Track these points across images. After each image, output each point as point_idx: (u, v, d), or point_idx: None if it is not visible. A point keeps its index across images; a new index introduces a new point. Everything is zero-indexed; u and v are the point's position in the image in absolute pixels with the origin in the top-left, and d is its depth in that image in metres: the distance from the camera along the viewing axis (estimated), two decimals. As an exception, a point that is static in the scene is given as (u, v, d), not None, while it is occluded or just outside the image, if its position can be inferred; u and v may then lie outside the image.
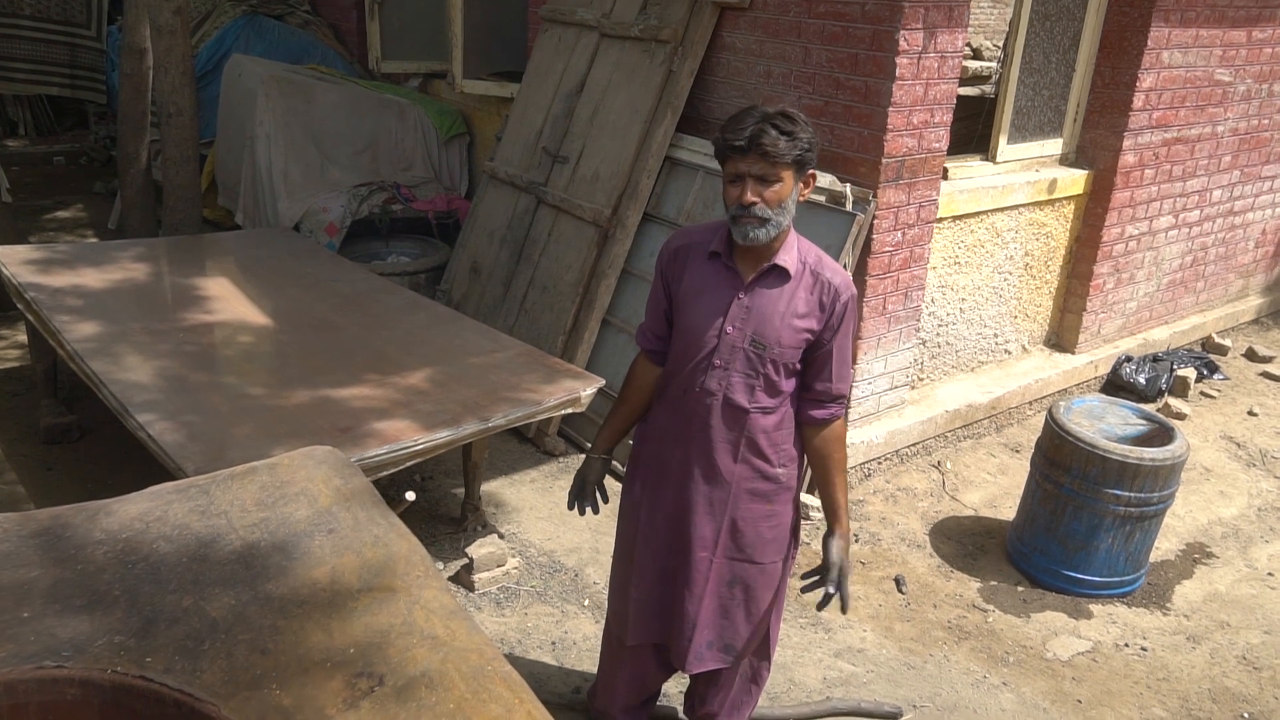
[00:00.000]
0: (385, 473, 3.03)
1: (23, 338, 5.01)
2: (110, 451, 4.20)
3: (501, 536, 3.80)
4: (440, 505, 4.04)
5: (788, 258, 2.25)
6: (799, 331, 2.26)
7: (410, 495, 3.18)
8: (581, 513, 2.59)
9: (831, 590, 2.37)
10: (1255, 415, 5.25)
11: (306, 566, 1.85)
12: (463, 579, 3.52)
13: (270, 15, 7.33)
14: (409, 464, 3.08)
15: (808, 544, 3.85)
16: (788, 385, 2.33)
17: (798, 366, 2.32)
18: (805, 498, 4.10)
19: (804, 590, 2.44)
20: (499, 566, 3.55)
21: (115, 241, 5.08)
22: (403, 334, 3.87)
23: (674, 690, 3.01)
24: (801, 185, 2.21)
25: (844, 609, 2.42)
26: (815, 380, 2.34)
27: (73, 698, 1.57)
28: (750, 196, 2.13)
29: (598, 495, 2.61)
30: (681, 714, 2.88)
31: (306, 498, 2.08)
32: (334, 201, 5.74)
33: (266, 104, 5.78)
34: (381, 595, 1.77)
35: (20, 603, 1.70)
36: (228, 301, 4.11)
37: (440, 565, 3.63)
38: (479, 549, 3.52)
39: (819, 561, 2.42)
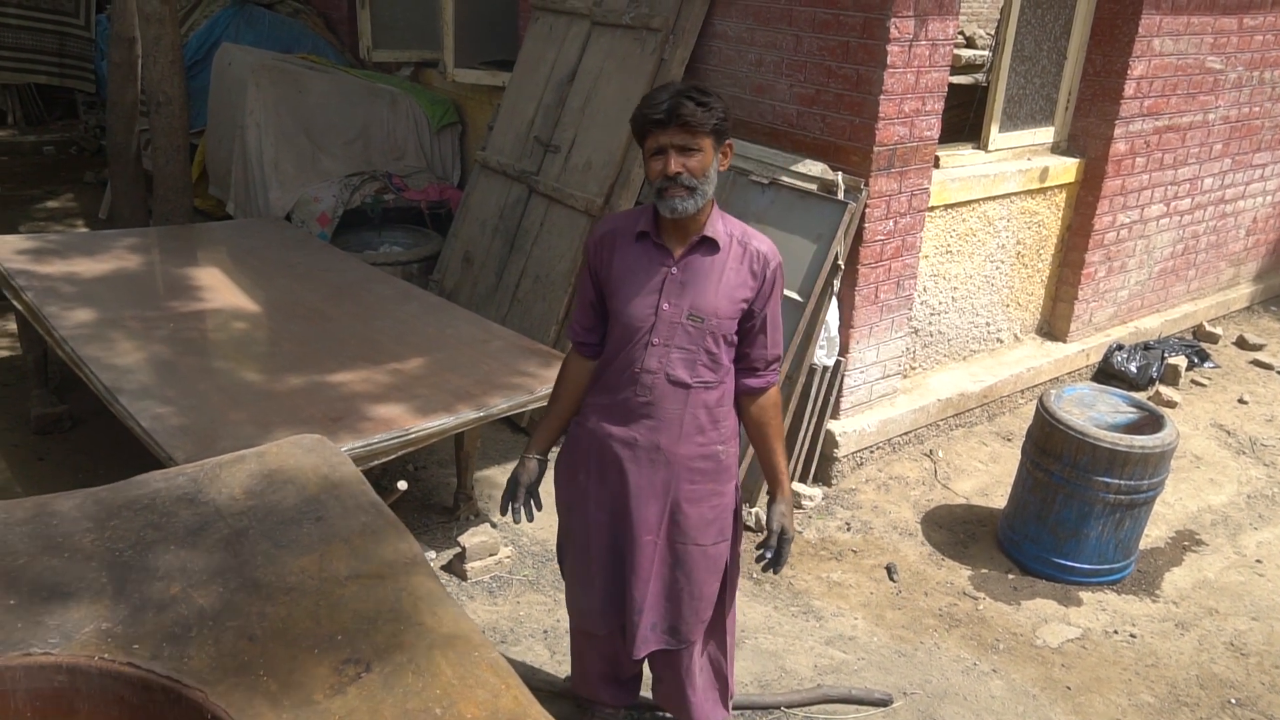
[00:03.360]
0: (377, 462, 3.03)
1: (13, 327, 4.98)
2: (101, 441, 4.19)
3: (494, 526, 3.80)
4: (433, 494, 4.04)
5: (715, 230, 2.28)
6: (735, 302, 2.29)
7: (402, 484, 3.19)
8: (516, 519, 2.52)
9: (768, 555, 2.43)
10: (1245, 403, 5.27)
11: (294, 554, 1.85)
12: (455, 568, 3.53)
13: (260, 4, 7.28)
14: (401, 453, 3.07)
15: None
16: (727, 358, 2.35)
17: (734, 339, 2.34)
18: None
19: (757, 560, 2.48)
20: (491, 555, 3.56)
21: (106, 231, 5.06)
22: (395, 323, 3.86)
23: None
24: (720, 155, 2.24)
25: (776, 569, 2.45)
26: (751, 348, 2.37)
27: (60, 684, 1.57)
28: (675, 166, 2.15)
29: (532, 501, 2.54)
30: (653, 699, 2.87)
31: (295, 486, 2.08)
32: (325, 191, 5.72)
33: (257, 93, 5.75)
34: (369, 582, 1.77)
35: (7, 590, 1.70)
36: (219, 291, 4.10)
37: (433, 554, 3.64)
38: (471, 538, 3.53)
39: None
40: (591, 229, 2.42)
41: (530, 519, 2.54)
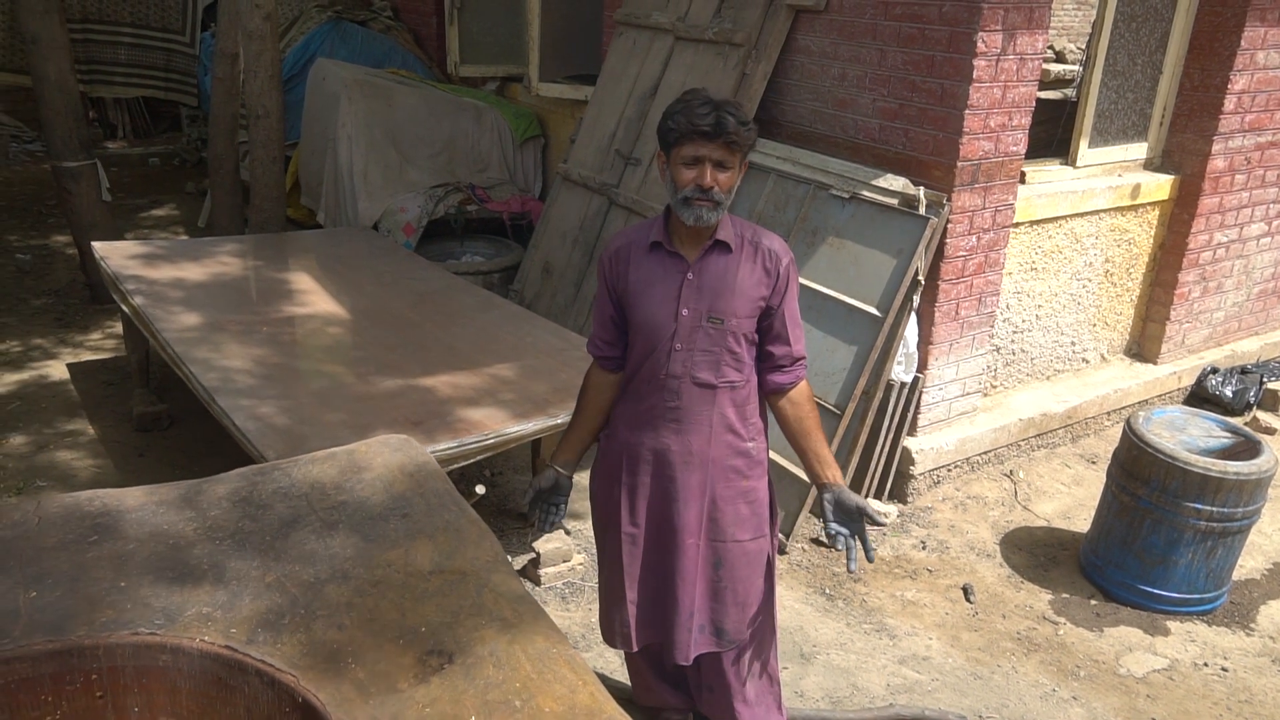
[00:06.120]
0: (456, 466, 3.10)
1: (119, 329, 5.26)
2: (198, 439, 4.38)
3: (568, 533, 3.85)
4: (509, 500, 4.11)
5: (726, 233, 2.30)
6: (753, 301, 2.31)
7: (480, 489, 3.27)
8: (540, 529, 2.51)
9: (841, 543, 2.34)
10: (1351, 432, 5.02)
11: (381, 548, 1.91)
12: (529, 573, 3.59)
13: (354, 21, 7.55)
14: (481, 457, 3.15)
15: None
16: (749, 356, 2.37)
17: (755, 337, 2.36)
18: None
19: (849, 563, 2.35)
20: (565, 562, 3.61)
21: (205, 239, 5.30)
22: (476, 331, 3.95)
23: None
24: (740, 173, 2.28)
25: (869, 555, 2.35)
26: (774, 346, 2.38)
27: (164, 663, 1.66)
28: (710, 181, 2.17)
29: (549, 511, 2.53)
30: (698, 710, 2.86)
31: (382, 483, 2.15)
32: (411, 202, 5.89)
33: (349, 106, 5.96)
34: (452, 578, 1.83)
35: (118, 573, 1.80)
36: (309, 297, 4.26)
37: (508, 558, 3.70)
38: (546, 544, 3.58)
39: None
40: (605, 245, 2.44)
41: (548, 527, 2.55)
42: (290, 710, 1.58)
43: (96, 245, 4.69)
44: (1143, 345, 5.15)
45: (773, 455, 2.57)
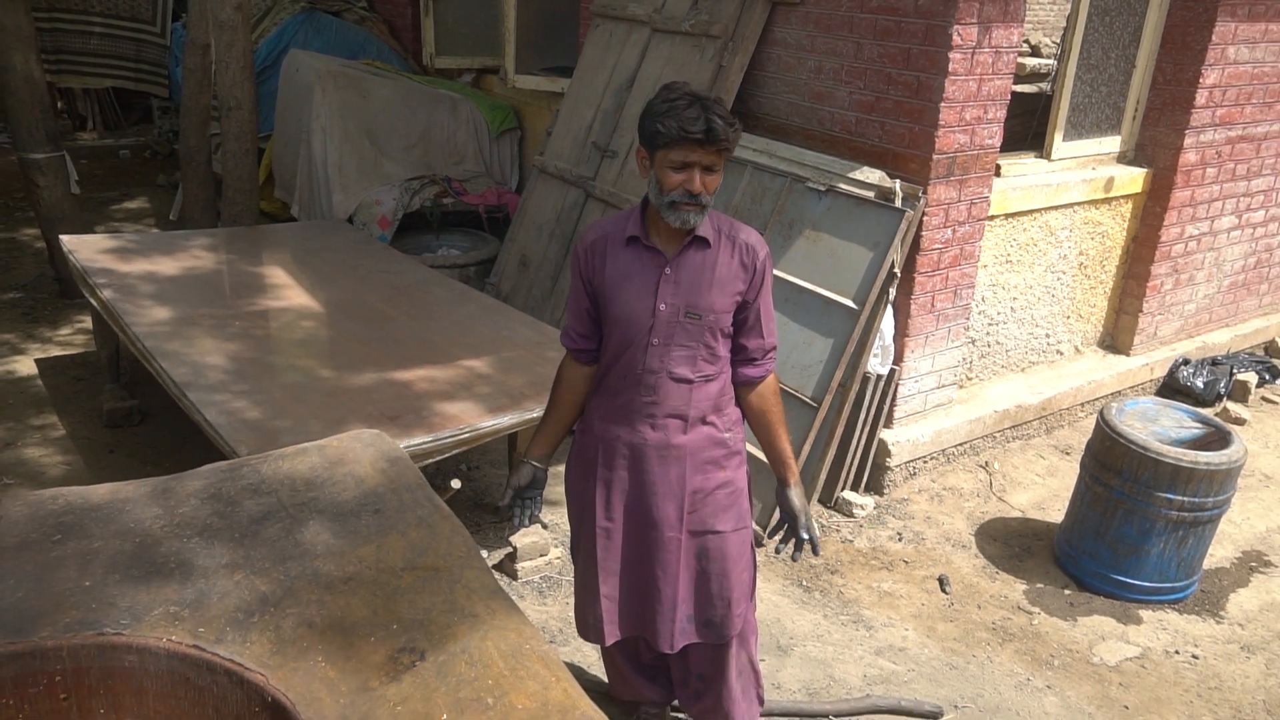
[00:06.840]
0: (431, 460, 3.08)
1: (89, 324, 5.18)
2: (169, 435, 4.32)
3: (545, 526, 3.83)
4: (485, 494, 4.09)
5: (704, 228, 2.29)
6: (730, 296, 2.31)
7: (456, 483, 3.24)
8: (515, 525, 2.51)
9: (805, 536, 2.46)
10: (1319, 422, 5.10)
11: (353, 544, 1.89)
12: (506, 567, 3.57)
13: (328, 11, 7.47)
14: (456, 451, 3.13)
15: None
16: (725, 350, 2.38)
17: (730, 330, 2.36)
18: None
19: (778, 550, 2.52)
20: (542, 556, 3.59)
21: (176, 232, 5.23)
22: (452, 325, 3.93)
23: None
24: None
25: (815, 551, 2.49)
26: (747, 339, 2.39)
27: (130, 664, 1.63)
28: (699, 186, 2.17)
29: (527, 506, 2.53)
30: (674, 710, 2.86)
31: (354, 479, 2.13)
32: (386, 194, 5.84)
33: (323, 98, 5.89)
34: (425, 574, 1.81)
35: (83, 572, 1.77)
36: (283, 291, 4.21)
37: (485, 553, 3.68)
38: (522, 538, 3.57)
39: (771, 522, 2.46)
40: (580, 237, 2.43)
41: (527, 523, 2.55)
42: (259, 710, 1.56)
43: (65, 239, 4.62)
44: (1116, 337, 5.20)
45: (749, 447, 2.56)
